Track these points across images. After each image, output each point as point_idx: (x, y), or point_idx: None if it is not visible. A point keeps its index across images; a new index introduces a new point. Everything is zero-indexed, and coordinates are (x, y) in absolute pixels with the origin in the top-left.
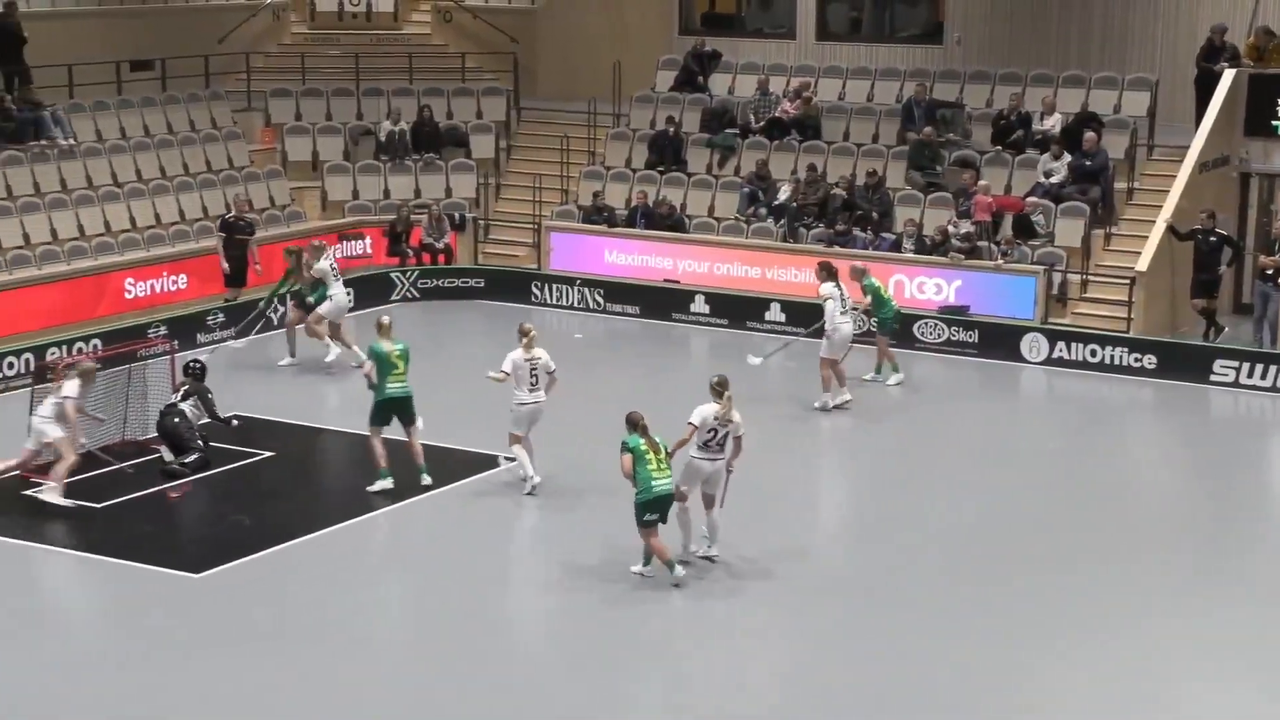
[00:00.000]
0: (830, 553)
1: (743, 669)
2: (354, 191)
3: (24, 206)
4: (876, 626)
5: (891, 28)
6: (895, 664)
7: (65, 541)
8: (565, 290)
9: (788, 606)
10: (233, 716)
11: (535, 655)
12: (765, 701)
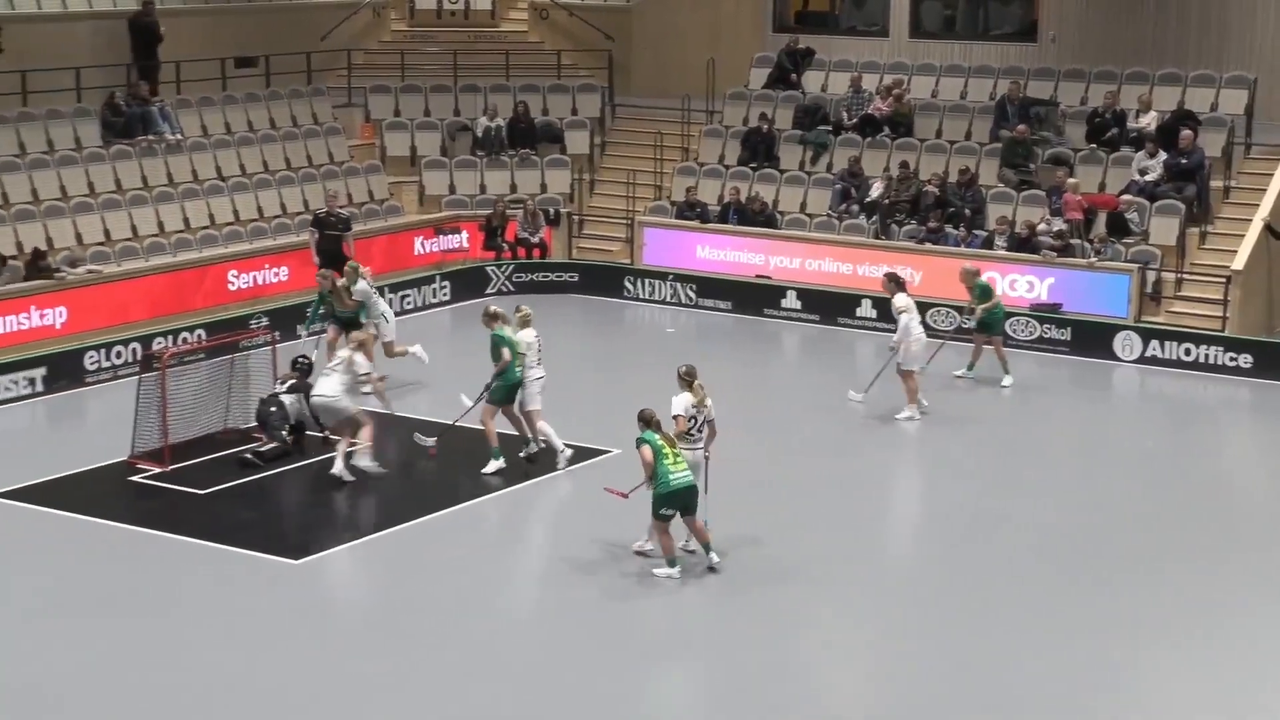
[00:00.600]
0: (922, 551)
1: (833, 668)
2: (451, 186)
3: (132, 200)
4: (966, 625)
5: (986, 25)
6: (984, 663)
7: (170, 527)
8: (657, 285)
9: (878, 605)
10: (323, 700)
11: (620, 644)
12: (860, 702)
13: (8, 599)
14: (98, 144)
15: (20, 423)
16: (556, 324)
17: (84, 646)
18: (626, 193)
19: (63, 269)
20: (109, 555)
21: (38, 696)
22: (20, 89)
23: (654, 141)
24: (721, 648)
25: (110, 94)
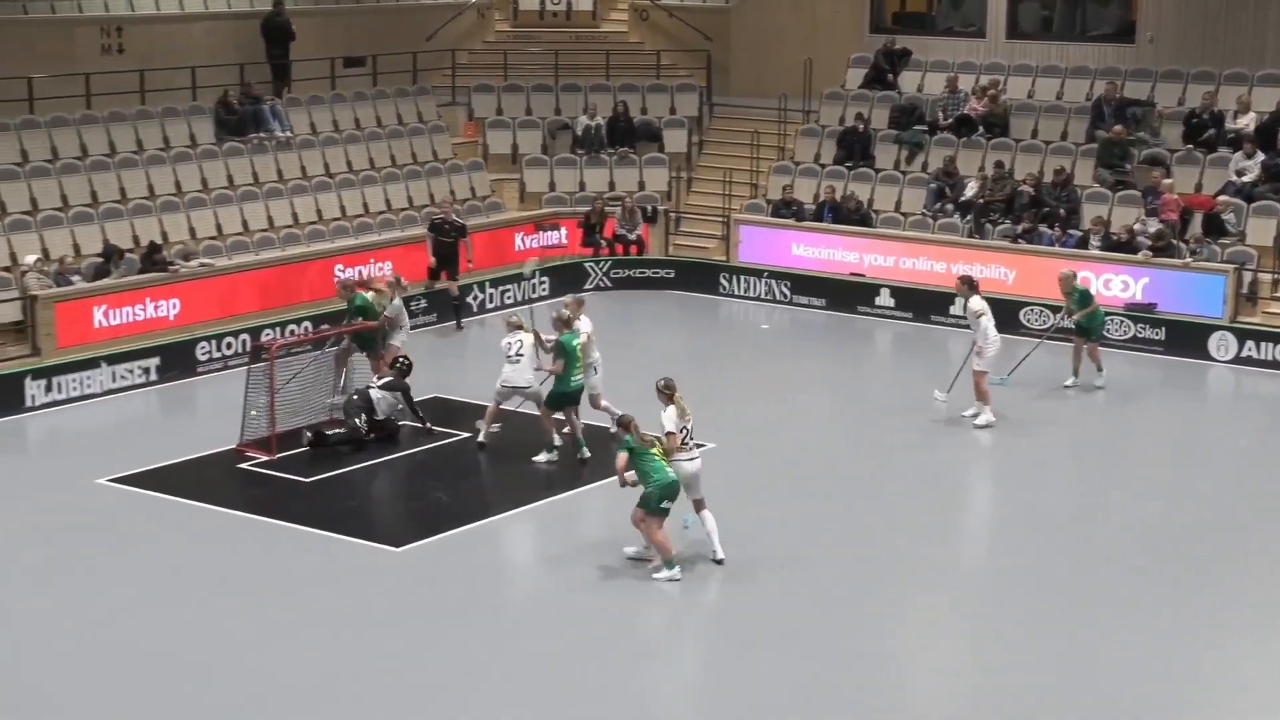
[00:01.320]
0: (1015, 549)
1: (925, 664)
2: (551, 183)
3: (243, 195)
4: (1062, 622)
5: (1083, 26)
6: (1080, 660)
7: (276, 513)
8: (753, 282)
9: (973, 601)
10: (418, 687)
11: (722, 635)
12: (950, 697)
13: (122, 581)
14: (211, 141)
15: (135, 411)
16: (652, 320)
17: (192, 628)
18: (723, 191)
19: (176, 262)
20: (218, 540)
21: (150, 673)
22: (139, 88)
23: (751, 140)
24: (821, 640)
25: (224, 92)
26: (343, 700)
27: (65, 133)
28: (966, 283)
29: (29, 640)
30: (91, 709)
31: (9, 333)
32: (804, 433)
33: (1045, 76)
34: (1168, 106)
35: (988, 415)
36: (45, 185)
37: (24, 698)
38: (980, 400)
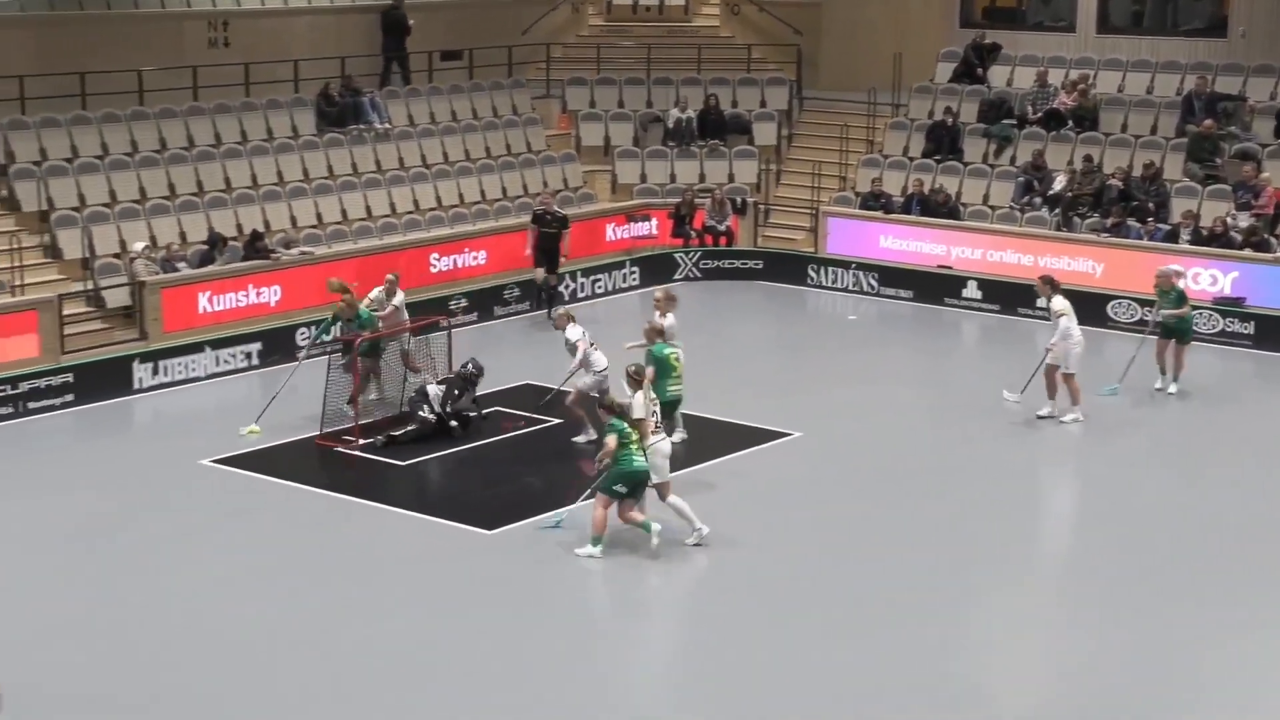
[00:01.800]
0: (1097, 544)
1: (1003, 654)
2: (642, 175)
3: (342, 185)
4: (1138, 618)
5: (1174, 21)
6: (1153, 655)
7: (372, 495)
8: (840, 273)
9: (1050, 594)
10: (504, 669)
11: (786, 623)
12: (1026, 688)
13: (222, 560)
14: (312, 132)
15: (237, 394)
16: (741, 310)
17: (288, 606)
18: (812, 183)
19: (278, 250)
20: (314, 521)
21: (247, 651)
22: (244, 80)
23: (840, 134)
24: (899, 629)
25: (325, 85)
26: (437, 678)
27: (173, 124)
28: (1049, 282)
29: (135, 615)
30: (193, 682)
31: (118, 317)
32: (889, 423)
33: (1135, 71)
34: (1259, 101)
35: (1077, 414)
36: (153, 175)
37: (132, 669)
38: (1073, 401)
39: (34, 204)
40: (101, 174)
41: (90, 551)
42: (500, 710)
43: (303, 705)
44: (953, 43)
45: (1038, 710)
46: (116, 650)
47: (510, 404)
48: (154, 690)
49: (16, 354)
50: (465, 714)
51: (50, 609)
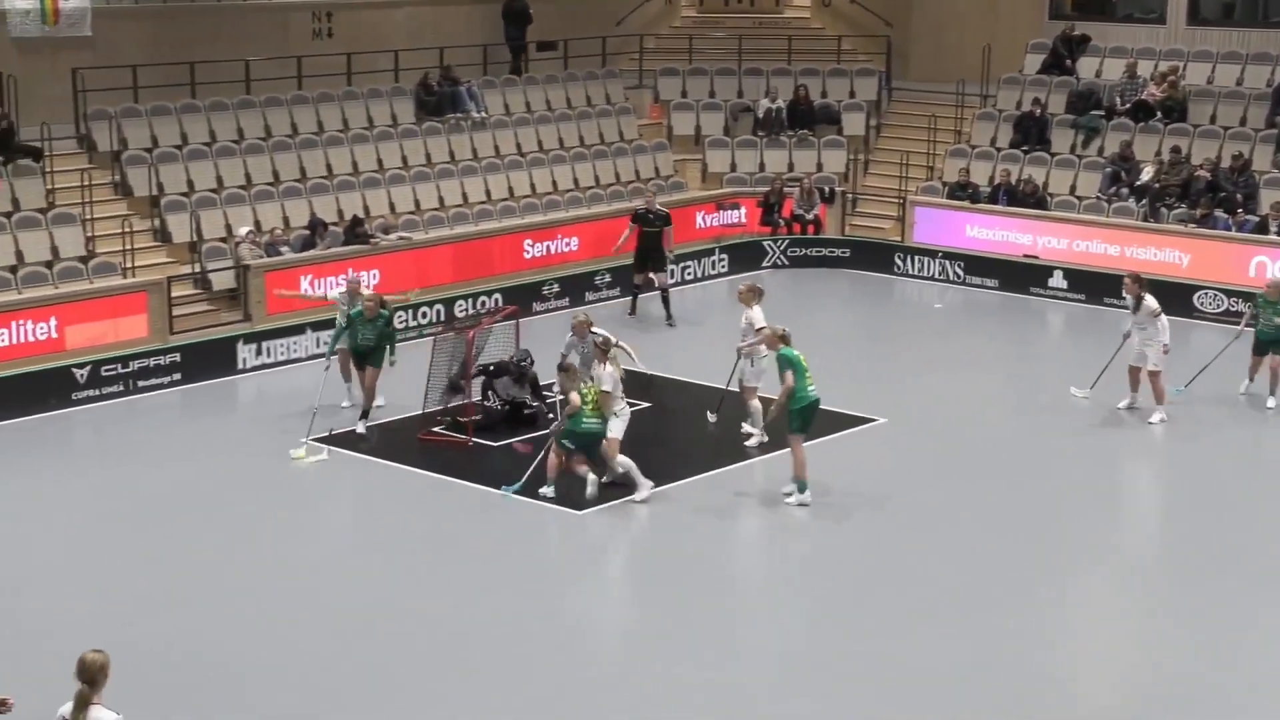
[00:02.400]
0: (1181, 538)
1: (1083, 645)
2: (732, 164)
3: (440, 173)
4: (1220, 612)
5: (1265, 13)
6: (1233, 648)
7: (465, 475)
8: (927, 262)
9: (1131, 586)
10: (600, 643)
11: (868, 608)
12: (1115, 681)
13: (321, 538)
14: (411, 121)
15: (336, 375)
16: (828, 298)
17: (384, 582)
18: (899, 173)
19: (377, 235)
20: (411, 500)
21: (347, 624)
22: (346, 70)
23: (928, 124)
24: (981, 617)
25: (424, 75)
26: (527, 655)
27: (277, 112)
28: (1138, 280)
29: (236, 590)
30: (293, 658)
31: (223, 299)
32: (973, 410)
33: (1225, 63)
34: None
35: (1162, 413)
36: (259, 161)
37: (233, 645)
38: (1157, 400)
39: (145, 189)
40: (209, 160)
41: (193, 524)
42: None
43: (409, 674)
44: (1042, 35)
45: (1117, 700)
46: (222, 620)
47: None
48: (261, 657)
49: (127, 334)
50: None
51: (156, 579)
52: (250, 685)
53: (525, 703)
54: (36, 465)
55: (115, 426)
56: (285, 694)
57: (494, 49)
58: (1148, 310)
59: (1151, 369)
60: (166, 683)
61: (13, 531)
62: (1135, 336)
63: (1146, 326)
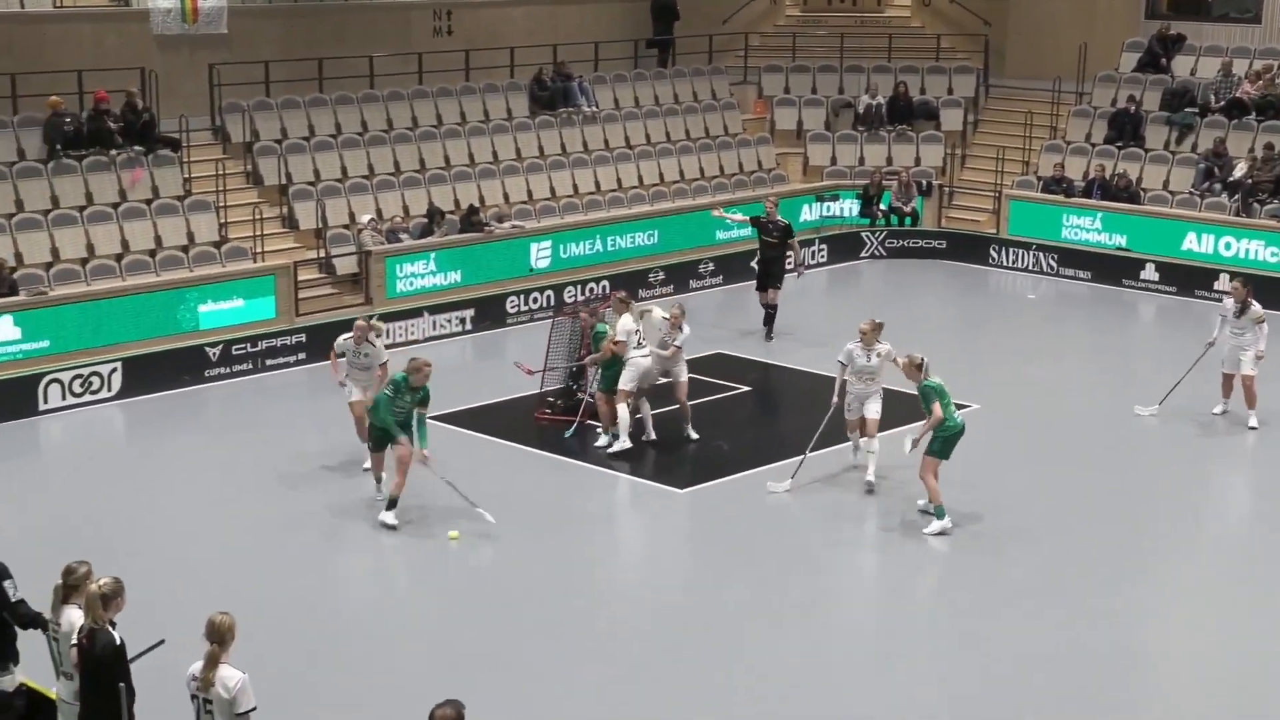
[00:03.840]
0: (1268, 530)
1: (1165, 631)
2: (832, 158)
3: (552, 164)
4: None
5: None
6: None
7: (574, 454)
8: (1021, 254)
9: (1216, 578)
10: (699, 619)
11: (953, 594)
12: (1202, 666)
13: (434, 509)
14: (525, 115)
15: (452, 357)
16: (925, 288)
17: (493, 556)
18: (995, 168)
19: (491, 223)
20: (521, 475)
21: (458, 596)
22: (464, 66)
23: (1024, 120)
24: (1063, 602)
25: (539, 70)
26: (632, 630)
27: (399, 106)
28: (1247, 285)
29: (353, 559)
30: (416, 619)
31: (346, 283)
32: (1065, 398)
33: None
34: None
35: (1253, 419)
36: (381, 152)
37: (346, 610)
38: (1249, 405)
39: (274, 178)
40: (334, 151)
41: (318, 494)
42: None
43: (515, 643)
44: (1137, 34)
45: (1204, 686)
46: (336, 587)
47: (702, 372)
48: (385, 617)
49: (256, 315)
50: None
51: (284, 543)
52: (379, 644)
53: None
54: (173, 436)
55: (246, 400)
56: (411, 652)
57: (605, 46)
58: (1253, 316)
59: (1246, 374)
60: (295, 643)
61: (151, 497)
62: (1229, 342)
63: (1246, 332)
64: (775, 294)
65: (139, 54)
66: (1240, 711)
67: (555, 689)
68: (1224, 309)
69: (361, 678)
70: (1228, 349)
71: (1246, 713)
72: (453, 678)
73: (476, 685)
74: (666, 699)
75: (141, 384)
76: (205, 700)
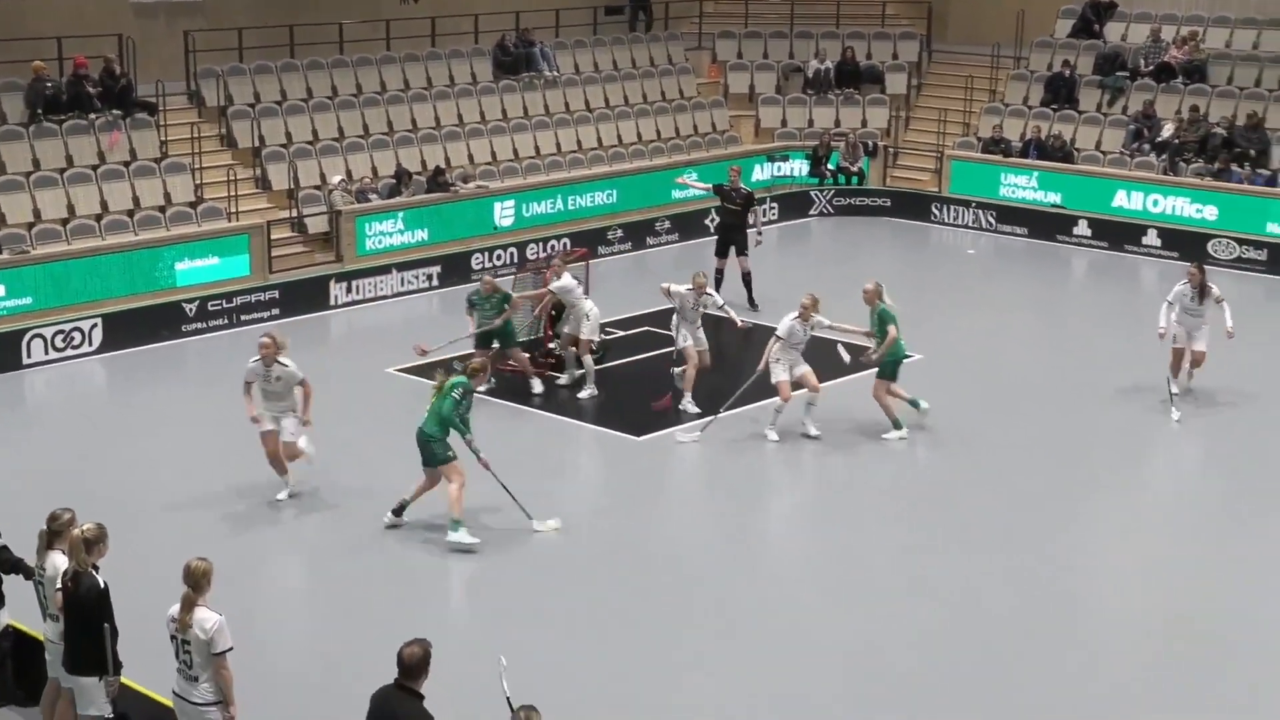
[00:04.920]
0: (1203, 469)
1: (1101, 568)
2: (783, 120)
3: (514, 126)
4: (1238, 542)
5: None
6: (1245, 579)
7: (538, 405)
8: (961, 211)
9: (1153, 516)
10: (663, 553)
11: (920, 526)
12: (1136, 600)
13: (403, 455)
14: (489, 79)
15: (419, 311)
16: (870, 244)
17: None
18: (937, 129)
19: (456, 183)
20: (485, 424)
21: (429, 537)
22: (430, 32)
23: (964, 84)
24: (1006, 543)
25: (501, 37)
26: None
27: (368, 71)
28: (1203, 270)
29: (338, 497)
30: (384, 566)
31: (317, 241)
32: (1003, 347)
33: (1243, 28)
34: None
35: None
36: (350, 116)
37: (320, 552)
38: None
39: (248, 141)
40: (306, 115)
41: None
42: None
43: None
44: (1071, 1)
45: (1144, 620)
46: (316, 535)
47: (656, 325)
48: (357, 558)
49: (231, 273)
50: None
51: (262, 488)
52: (352, 584)
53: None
54: (152, 389)
55: (221, 355)
56: (382, 589)
57: (565, 13)
58: (1214, 298)
59: (1199, 350)
60: (272, 586)
61: (131, 446)
62: (1185, 321)
63: (1204, 313)
64: (746, 261)
65: (116, 21)
66: (1174, 645)
67: (526, 620)
68: (1177, 294)
69: (334, 618)
70: (1180, 327)
71: (1179, 646)
72: (429, 613)
73: (447, 618)
74: (626, 630)
75: (121, 339)
76: (184, 641)
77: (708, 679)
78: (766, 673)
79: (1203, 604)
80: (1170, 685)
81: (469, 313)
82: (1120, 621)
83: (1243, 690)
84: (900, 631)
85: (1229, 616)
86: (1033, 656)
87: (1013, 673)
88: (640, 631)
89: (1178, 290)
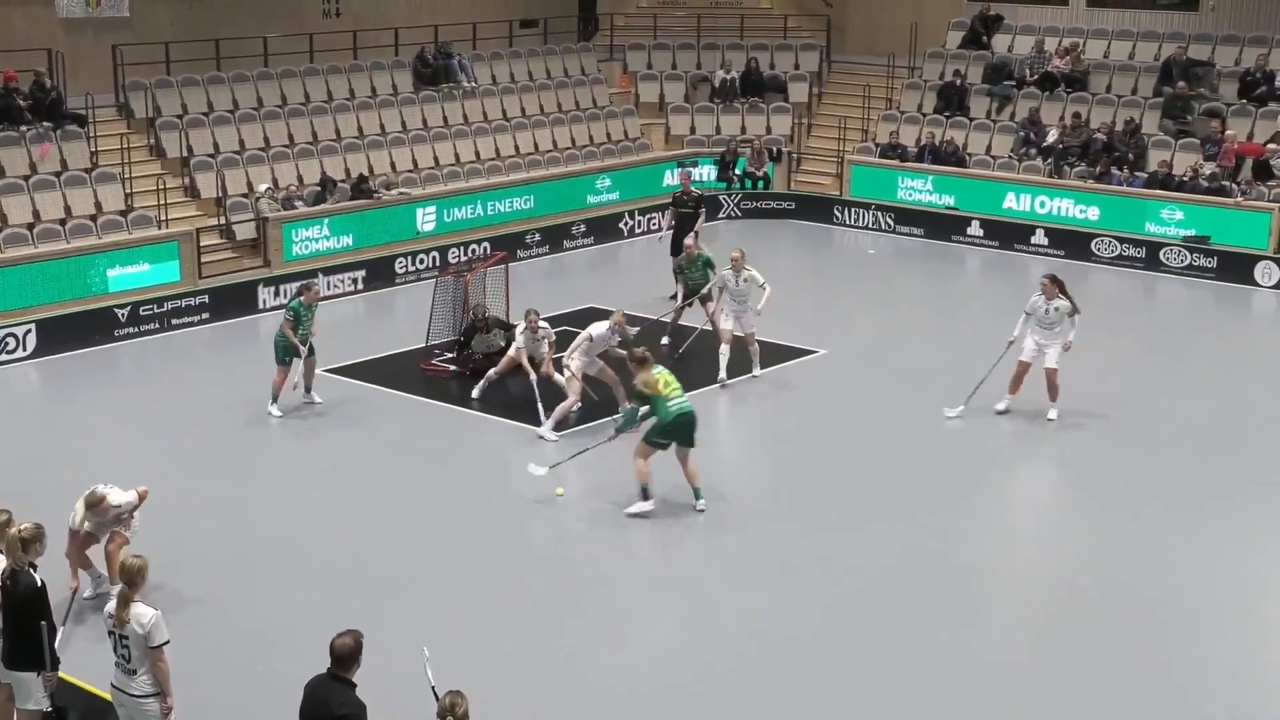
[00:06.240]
0: (1100, 449)
1: (989, 544)
2: (692, 127)
3: (435, 135)
4: (1137, 512)
5: None
6: (1148, 546)
7: (451, 400)
8: (862, 213)
9: (1051, 493)
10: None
11: (824, 511)
12: (1029, 573)
13: (330, 453)
14: (410, 90)
15: (345, 314)
16: (775, 245)
17: (389, 490)
18: (838, 135)
19: (380, 190)
20: (406, 421)
21: (358, 531)
22: (352, 45)
23: (862, 92)
24: (910, 513)
25: (420, 49)
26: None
27: (292, 83)
28: (1056, 282)
29: (262, 491)
30: (317, 560)
31: (245, 247)
32: (903, 341)
33: (1120, 39)
34: (1226, 66)
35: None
36: (276, 126)
37: (255, 547)
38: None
39: (176, 151)
40: (232, 125)
41: (223, 440)
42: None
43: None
44: (962, 14)
45: (1027, 590)
46: (250, 530)
47: (575, 324)
48: (284, 554)
49: (162, 278)
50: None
51: (192, 486)
52: (289, 575)
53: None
54: (86, 391)
55: (153, 357)
56: (319, 582)
57: (484, 26)
58: (1064, 310)
59: (1051, 366)
60: (209, 579)
61: (67, 447)
62: (1036, 336)
63: (1056, 325)
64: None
65: (45, 36)
66: (1064, 611)
67: (455, 608)
68: (1032, 305)
69: (272, 608)
70: (1031, 342)
71: (1070, 612)
72: (357, 604)
73: (382, 610)
74: (556, 614)
75: (55, 343)
76: (121, 636)
77: (615, 658)
78: (669, 651)
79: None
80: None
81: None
82: (1008, 594)
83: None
84: (803, 611)
85: (1114, 584)
86: (916, 626)
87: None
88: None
89: (1033, 301)
